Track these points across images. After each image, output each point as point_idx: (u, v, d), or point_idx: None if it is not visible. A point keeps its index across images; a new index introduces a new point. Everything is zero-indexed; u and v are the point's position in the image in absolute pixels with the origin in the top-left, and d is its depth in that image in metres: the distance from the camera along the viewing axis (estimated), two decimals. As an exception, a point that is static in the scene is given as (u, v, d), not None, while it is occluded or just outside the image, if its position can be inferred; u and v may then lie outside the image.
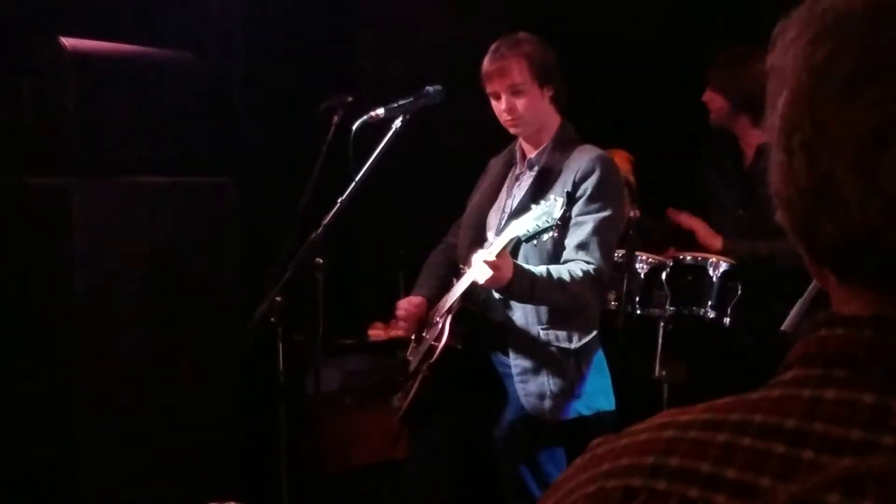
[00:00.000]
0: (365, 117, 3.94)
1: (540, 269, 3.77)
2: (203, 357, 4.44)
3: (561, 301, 3.80)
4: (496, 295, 3.83)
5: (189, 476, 4.33)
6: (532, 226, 3.61)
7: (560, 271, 3.77)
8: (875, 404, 0.78)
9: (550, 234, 3.65)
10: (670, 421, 0.86)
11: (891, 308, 0.82)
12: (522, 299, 3.81)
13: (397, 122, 3.96)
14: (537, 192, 3.86)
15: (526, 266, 3.75)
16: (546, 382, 3.88)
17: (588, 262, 3.79)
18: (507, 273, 3.66)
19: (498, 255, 3.64)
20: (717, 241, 4.64)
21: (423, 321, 4.16)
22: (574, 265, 3.78)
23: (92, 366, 4.16)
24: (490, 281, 3.67)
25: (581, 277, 3.76)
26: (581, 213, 3.83)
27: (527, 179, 4.03)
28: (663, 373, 4.52)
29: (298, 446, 4.29)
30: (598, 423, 3.89)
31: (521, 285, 3.70)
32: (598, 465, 0.86)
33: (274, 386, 4.00)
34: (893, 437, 0.76)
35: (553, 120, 4.02)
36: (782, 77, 0.84)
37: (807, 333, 0.85)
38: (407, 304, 4.17)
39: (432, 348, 4.01)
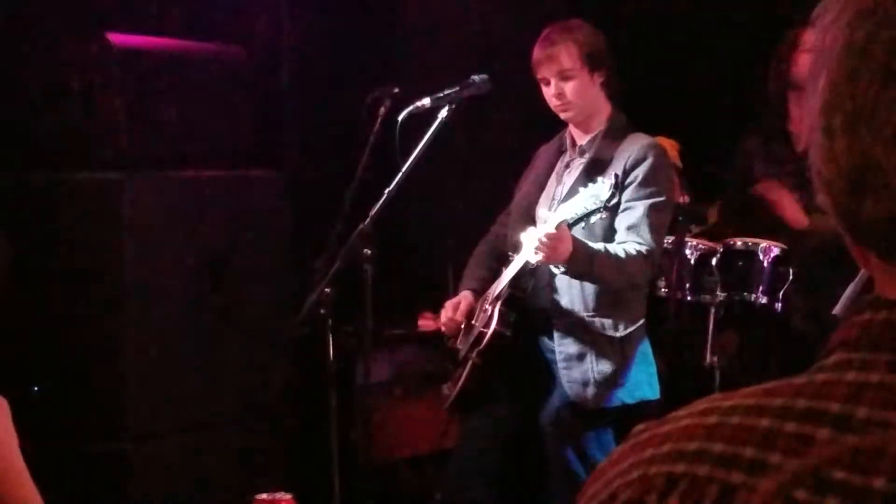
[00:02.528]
0: (411, 108, 3.94)
1: (598, 246, 3.74)
2: (254, 349, 4.47)
3: (616, 280, 3.77)
4: (556, 270, 3.78)
5: (240, 466, 4.37)
6: (580, 208, 3.60)
7: (616, 249, 3.74)
8: (921, 388, 0.77)
9: (598, 216, 3.63)
10: (713, 406, 0.85)
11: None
12: (581, 275, 3.76)
13: (443, 112, 3.95)
14: (587, 179, 3.81)
15: (584, 241, 3.73)
16: (590, 370, 3.86)
17: (640, 244, 3.76)
18: (567, 247, 3.62)
19: (557, 230, 3.62)
20: (803, 218, 4.54)
21: (472, 310, 4.15)
22: (628, 245, 3.76)
23: (144, 360, 4.20)
24: (550, 257, 3.64)
25: (635, 256, 3.74)
26: (632, 199, 3.81)
27: (577, 166, 4.00)
28: (714, 359, 4.50)
29: (348, 436, 4.31)
30: (641, 412, 3.86)
31: (580, 261, 3.66)
32: (641, 452, 0.85)
33: (324, 377, 4.02)
34: None
35: (604, 106, 3.99)
36: (822, 59, 0.84)
37: (850, 317, 0.85)
38: (451, 312, 4.14)
39: (481, 335, 4.00)
